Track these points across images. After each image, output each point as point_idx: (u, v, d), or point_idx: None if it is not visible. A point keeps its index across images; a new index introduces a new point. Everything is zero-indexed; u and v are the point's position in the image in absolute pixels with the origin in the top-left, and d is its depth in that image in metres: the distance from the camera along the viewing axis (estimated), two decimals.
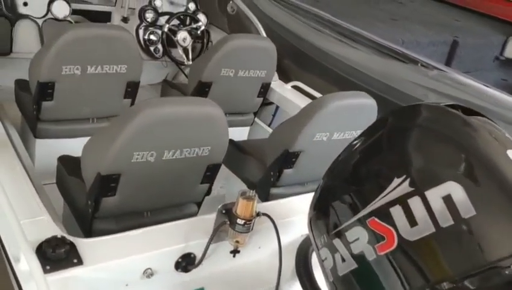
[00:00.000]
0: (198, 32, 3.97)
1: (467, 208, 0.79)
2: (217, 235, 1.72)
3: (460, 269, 0.79)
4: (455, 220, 0.79)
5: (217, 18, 4.19)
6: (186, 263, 1.73)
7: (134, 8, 3.95)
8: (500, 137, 0.88)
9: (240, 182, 2.77)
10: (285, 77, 3.67)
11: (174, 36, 3.81)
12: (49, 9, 3.49)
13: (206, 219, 1.79)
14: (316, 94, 3.32)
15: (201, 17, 4.05)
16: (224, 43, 3.00)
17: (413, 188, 0.83)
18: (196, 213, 2.24)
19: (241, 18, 3.99)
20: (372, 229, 0.86)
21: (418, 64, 3.23)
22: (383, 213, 0.85)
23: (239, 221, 1.68)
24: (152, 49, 3.87)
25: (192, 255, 1.74)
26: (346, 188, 0.96)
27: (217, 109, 1.95)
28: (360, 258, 0.88)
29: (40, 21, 3.52)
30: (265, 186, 2.51)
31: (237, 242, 1.74)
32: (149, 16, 3.87)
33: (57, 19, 3.52)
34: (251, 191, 1.70)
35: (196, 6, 4.13)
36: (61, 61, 2.49)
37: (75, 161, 2.19)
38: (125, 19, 3.93)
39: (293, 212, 1.96)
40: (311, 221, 1.04)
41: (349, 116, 2.39)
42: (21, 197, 1.76)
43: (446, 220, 0.79)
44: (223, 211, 1.71)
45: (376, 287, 0.87)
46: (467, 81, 3.11)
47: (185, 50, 3.85)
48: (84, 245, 1.57)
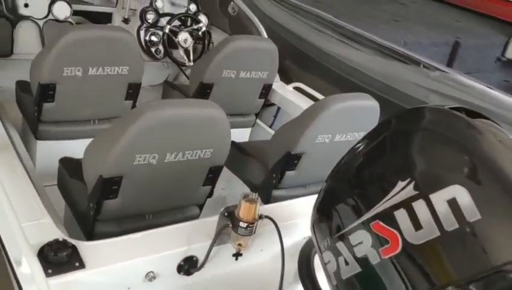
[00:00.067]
0: (200, 33, 3.97)
1: (472, 212, 0.78)
2: (219, 238, 1.71)
3: (465, 273, 0.79)
4: (460, 223, 0.78)
5: (218, 19, 4.18)
6: (188, 266, 1.72)
7: (135, 9, 3.95)
8: (505, 140, 0.88)
9: (242, 184, 2.76)
10: (286, 78, 3.66)
11: (175, 37, 3.81)
12: (50, 11, 3.49)
13: (209, 222, 1.79)
14: (317, 95, 3.31)
15: (203, 18, 4.05)
16: (226, 45, 2.99)
17: (417, 192, 0.82)
18: (198, 215, 2.23)
19: (242, 19, 3.98)
20: (376, 233, 0.86)
21: (420, 65, 3.22)
22: (387, 216, 0.84)
23: (241, 224, 1.67)
24: (153, 50, 3.87)
25: (194, 258, 1.73)
26: (349, 191, 0.95)
27: (219, 111, 1.94)
28: (363, 262, 0.87)
29: (41, 22, 3.52)
30: (267, 189, 2.50)
31: (240, 245, 1.73)
32: (150, 17, 3.87)
33: (57, 20, 3.53)
34: (253, 193, 1.69)
35: (197, 7, 4.13)
36: (62, 63, 2.49)
37: (77, 163, 2.19)
38: (126, 20, 3.93)
39: (296, 214, 1.96)
40: (314, 224, 1.03)
41: (351, 118, 2.39)
42: (22, 200, 1.76)
43: (451, 224, 0.78)
44: (226, 214, 1.70)
45: None
46: (469, 83, 3.11)
47: (186, 51, 3.85)
48: (86, 248, 1.57)
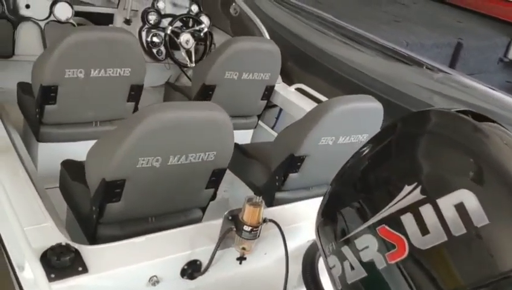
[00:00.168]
0: (201, 34, 3.96)
1: (479, 217, 0.77)
2: (223, 242, 1.70)
3: (472, 278, 0.78)
4: (468, 228, 0.77)
5: (220, 20, 4.17)
6: (192, 270, 1.71)
7: (137, 10, 3.94)
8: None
9: (244, 186, 2.75)
10: (287, 79, 3.65)
11: (177, 38, 3.79)
12: (51, 12, 3.47)
13: (212, 225, 1.77)
14: (319, 97, 3.30)
15: (204, 19, 4.04)
16: (228, 46, 2.98)
17: (424, 196, 0.81)
18: (201, 218, 2.22)
19: (244, 20, 3.97)
20: (382, 237, 0.84)
21: (423, 66, 3.22)
22: (394, 221, 0.83)
23: (245, 228, 1.65)
24: (155, 51, 3.86)
25: (198, 262, 1.72)
26: (355, 195, 0.94)
27: (223, 113, 1.93)
28: (369, 267, 0.86)
29: (42, 23, 3.50)
30: (270, 191, 2.49)
31: (243, 249, 1.72)
32: (152, 18, 3.86)
33: (59, 21, 3.51)
34: (258, 197, 1.68)
35: (199, 8, 4.11)
36: (64, 65, 2.48)
37: (79, 165, 2.18)
38: (127, 21, 3.92)
39: (299, 217, 1.94)
40: (318, 227, 1.02)
41: (355, 120, 2.38)
42: (24, 203, 1.75)
43: (458, 229, 0.77)
44: (230, 218, 1.69)
45: None
46: (472, 84, 3.10)
47: (188, 52, 3.83)
48: (89, 252, 1.56)
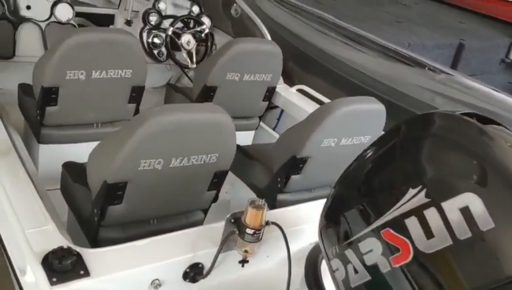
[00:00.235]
0: (203, 35, 3.95)
1: (485, 220, 0.76)
2: (225, 245, 1.68)
3: (478, 283, 0.76)
4: (473, 232, 0.76)
5: (221, 21, 4.16)
6: (194, 273, 1.69)
7: (137, 11, 3.93)
8: None
9: (246, 188, 2.74)
10: (289, 80, 3.64)
11: (178, 39, 3.78)
12: (52, 13, 3.47)
13: (214, 228, 1.76)
14: (321, 98, 3.30)
15: (205, 20, 4.02)
16: (230, 47, 2.97)
17: (429, 199, 0.80)
18: (203, 220, 2.21)
19: (245, 21, 3.96)
20: (386, 241, 0.83)
21: (425, 68, 3.20)
22: (398, 224, 0.82)
23: (248, 230, 1.64)
24: (156, 52, 3.85)
25: (200, 265, 1.71)
26: (358, 198, 0.93)
27: (225, 115, 1.92)
28: (373, 270, 0.85)
29: (43, 24, 3.50)
30: (272, 193, 2.48)
31: (246, 252, 1.71)
32: (153, 19, 3.84)
33: (60, 22, 3.50)
34: (260, 200, 1.67)
35: (200, 9, 4.10)
36: (65, 66, 2.47)
37: (80, 167, 2.17)
38: (128, 22, 3.91)
39: (302, 220, 1.93)
40: (321, 230, 1.01)
41: (357, 121, 2.37)
42: (26, 205, 1.74)
43: (464, 233, 0.76)
44: (232, 220, 1.67)
45: None
46: (475, 85, 3.08)
47: (189, 53, 3.82)
48: (91, 256, 1.55)
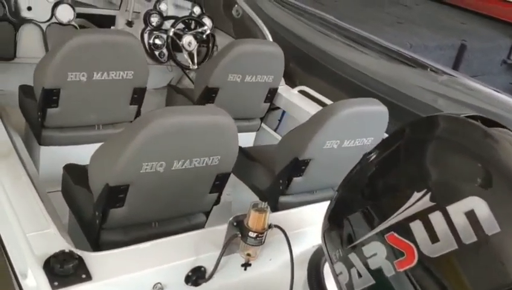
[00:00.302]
0: (204, 36, 3.95)
1: (490, 225, 0.76)
2: (227, 248, 1.67)
3: (483, 287, 0.77)
4: (478, 236, 0.76)
5: (223, 22, 4.16)
6: (196, 276, 1.68)
7: (139, 12, 3.93)
8: None
9: (247, 190, 2.73)
10: (290, 81, 3.63)
11: (179, 40, 3.78)
12: (53, 14, 3.46)
13: (217, 231, 1.75)
14: (323, 99, 3.29)
15: (207, 21, 4.02)
16: (231, 49, 2.97)
17: (434, 203, 0.80)
18: (204, 223, 2.20)
19: (247, 22, 3.96)
20: (391, 245, 0.83)
21: (427, 69, 3.19)
22: (403, 228, 0.82)
23: (251, 234, 1.63)
24: (157, 53, 3.85)
25: (202, 269, 1.69)
26: (362, 201, 0.93)
27: (227, 118, 1.92)
28: (377, 274, 0.85)
29: (44, 25, 3.49)
30: (274, 195, 2.47)
31: (248, 255, 1.70)
32: (154, 20, 3.84)
33: (61, 24, 3.50)
34: (263, 203, 1.66)
35: (201, 10, 4.10)
36: (66, 68, 2.46)
37: (81, 169, 2.16)
38: (129, 23, 3.91)
39: (304, 223, 1.92)
40: (325, 233, 1.01)
41: (360, 123, 2.36)
42: (27, 208, 1.73)
43: (469, 237, 0.76)
44: (234, 224, 1.66)
45: None
46: (477, 87, 3.07)
47: (190, 54, 3.82)
48: (93, 259, 1.54)
